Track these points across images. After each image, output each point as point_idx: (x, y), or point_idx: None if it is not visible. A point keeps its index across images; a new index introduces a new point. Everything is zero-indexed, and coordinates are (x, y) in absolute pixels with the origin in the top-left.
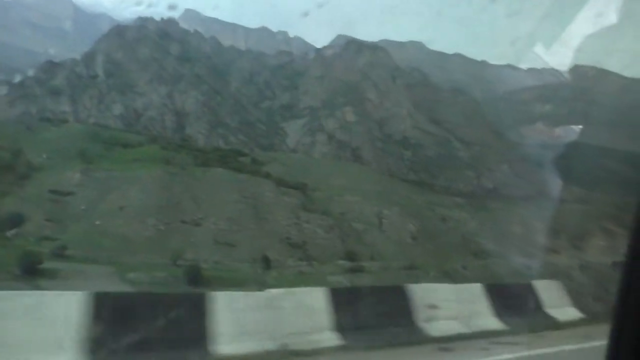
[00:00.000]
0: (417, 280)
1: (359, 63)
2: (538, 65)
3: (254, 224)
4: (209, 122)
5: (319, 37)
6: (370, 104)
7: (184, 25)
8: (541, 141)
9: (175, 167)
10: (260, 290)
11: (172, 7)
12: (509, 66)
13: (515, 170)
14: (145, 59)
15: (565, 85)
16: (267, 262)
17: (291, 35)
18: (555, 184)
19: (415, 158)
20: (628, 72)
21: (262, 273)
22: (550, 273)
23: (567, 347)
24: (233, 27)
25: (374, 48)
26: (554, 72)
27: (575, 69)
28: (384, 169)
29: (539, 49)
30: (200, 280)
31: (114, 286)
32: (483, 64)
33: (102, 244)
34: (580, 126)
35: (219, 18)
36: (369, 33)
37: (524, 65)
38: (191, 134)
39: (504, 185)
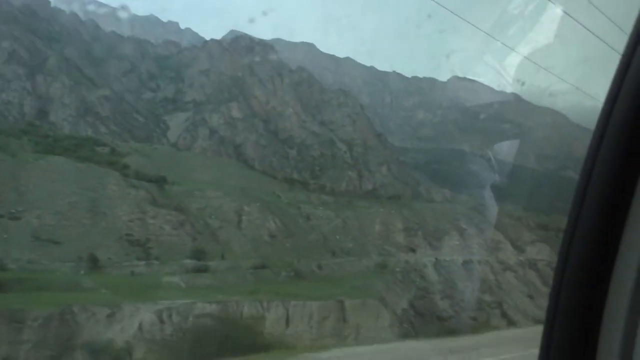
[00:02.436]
0: (267, 280)
1: (247, 59)
2: (420, 74)
3: (89, 219)
4: (77, 109)
5: (213, 31)
6: (256, 101)
7: (58, 5)
8: (418, 146)
9: (4, 153)
10: None
11: None
12: (395, 73)
13: (393, 172)
14: (1, 37)
15: (442, 94)
16: (94, 262)
17: (182, 26)
18: (428, 186)
19: (299, 157)
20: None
21: (83, 274)
22: (402, 270)
23: None
24: (118, 12)
25: (264, 45)
26: (433, 81)
27: (453, 81)
28: (267, 167)
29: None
30: None
31: None
32: (371, 69)
33: None
34: (451, 132)
35: (103, 1)
36: (266, 32)
37: (408, 74)
38: (55, 122)
39: (382, 186)
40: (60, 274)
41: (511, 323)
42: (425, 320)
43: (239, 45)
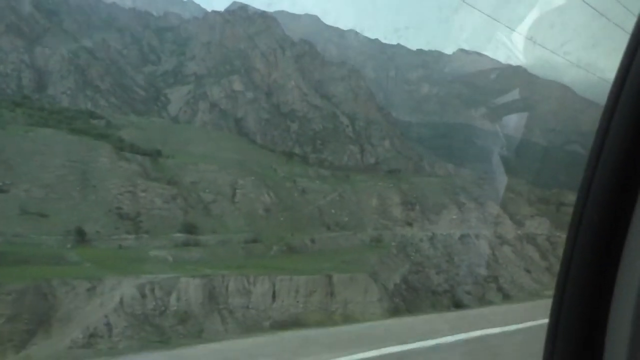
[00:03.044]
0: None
1: (249, 31)
2: (425, 47)
3: (78, 192)
4: (76, 82)
5: (216, 3)
6: (258, 73)
7: None
8: (422, 120)
9: None
10: None
11: None
12: (399, 46)
13: (396, 146)
14: None
15: (449, 68)
16: (81, 236)
17: None
18: (431, 160)
19: (301, 131)
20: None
21: (69, 248)
22: (398, 244)
23: None
24: None
25: (266, 17)
26: (439, 54)
27: (460, 54)
28: (268, 140)
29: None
30: None
31: None
32: (375, 42)
33: None
34: (456, 106)
35: None
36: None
37: (412, 47)
38: (53, 95)
39: (385, 160)
40: (45, 247)
41: (507, 297)
42: (418, 294)
43: (241, 17)
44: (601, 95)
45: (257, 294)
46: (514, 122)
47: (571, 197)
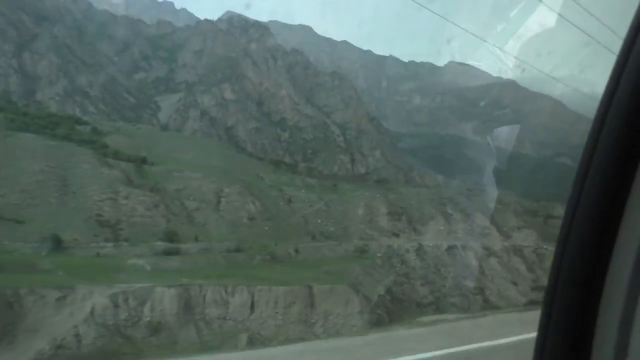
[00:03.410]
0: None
1: (242, 40)
2: (417, 59)
3: (57, 198)
4: (65, 88)
5: (210, 12)
6: (249, 82)
7: None
8: (414, 131)
9: None
10: None
11: None
12: (392, 57)
13: (387, 156)
14: None
15: (441, 80)
16: (57, 243)
17: (177, 7)
18: (421, 171)
19: (291, 140)
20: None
21: (44, 255)
22: (383, 255)
23: None
24: None
25: (259, 27)
26: (431, 66)
27: (452, 66)
28: (259, 149)
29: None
30: None
31: None
32: (368, 53)
33: None
34: (447, 118)
35: None
36: (263, 15)
37: (405, 58)
38: (42, 100)
39: (375, 170)
40: (19, 254)
41: (494, 308)
42: (403, 306)
43: (234, 26)
44: (591, 108)
45: (235, 305)
46: (504, 134)
47: (559, 210)
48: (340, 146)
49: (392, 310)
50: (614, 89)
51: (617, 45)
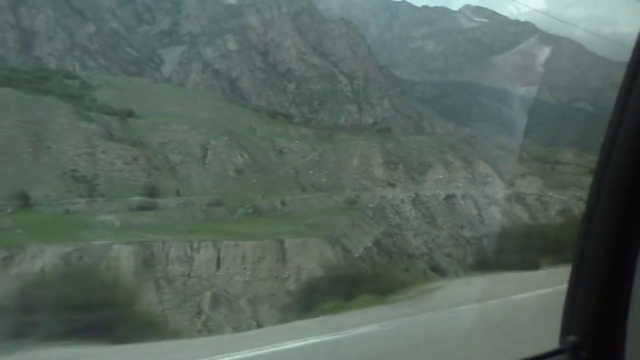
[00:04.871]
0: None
1: None
2: (431, 3)
3: (30, 154)
4: (64, 43)
5: None
6: (253, 32)
7: None
8: (427, 79)
9: None
10: None
11: None
12: (405, 3)
13: (395, 105)
14: None
15: (455, 24)
16: (24, 200)
17: None
18: (432, 120)
19: (297, 91)
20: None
21: (9, 213)
22: (376, 206)
23: None
24: None
25: None
26: (445, 11)
27: (466, 10)
28: (264, 101)
29: None
30: None
31: None
32: None
33: None
34: (462, 64)
35: None
36: None
37: (418, 3)
38: (40, 56)
39: (383, 120)
40: None
41: (490, 263)
42: (391, 258)
43: None
44: (611, 51)
45: (200, 261)
46: (520, 80)
47: (568, 155)
48: (347, 96)
49: (378, 262)
50: (630, 86)
51: None
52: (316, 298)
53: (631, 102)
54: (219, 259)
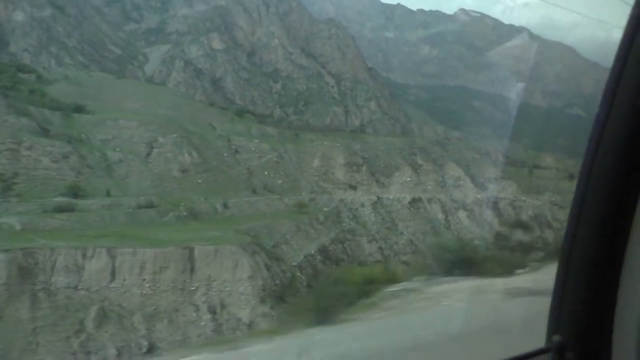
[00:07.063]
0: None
1: None
2: (425, 7)
3: None
4: (40, 39)
5: None
6: (240, 31)
7: None
8: (421, 82)
9: None
10: None
11: None
12: (400, 6)
13: (383, 107)
14: None
15: (450, 28)
16: None
17: None
18: (421, 122)
19: (283, 91)
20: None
21: None
22: (330, 209)
23: None
24: None
25: None
26: (439, 15)
27: (461, 14)
28: (248, 102)
29: None
30: None
31: None
32: (374, 0)
33: None
34: (456, 68)
35: None
36: None
37: (413, 6)
38: (15, 52)
39: (370, 122)
40: None
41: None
42: (338, 267)
43: None
44: (605, 56)
45: (92, 271)
46: (514, 84)
47: (547, 160)
48: (334, 97)
49: (320, 271)
50: (616, 83)
51: None
52: (225, 315)
53: (616, 103)
54: (113, 268)
